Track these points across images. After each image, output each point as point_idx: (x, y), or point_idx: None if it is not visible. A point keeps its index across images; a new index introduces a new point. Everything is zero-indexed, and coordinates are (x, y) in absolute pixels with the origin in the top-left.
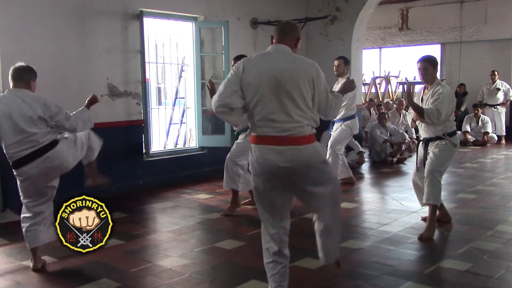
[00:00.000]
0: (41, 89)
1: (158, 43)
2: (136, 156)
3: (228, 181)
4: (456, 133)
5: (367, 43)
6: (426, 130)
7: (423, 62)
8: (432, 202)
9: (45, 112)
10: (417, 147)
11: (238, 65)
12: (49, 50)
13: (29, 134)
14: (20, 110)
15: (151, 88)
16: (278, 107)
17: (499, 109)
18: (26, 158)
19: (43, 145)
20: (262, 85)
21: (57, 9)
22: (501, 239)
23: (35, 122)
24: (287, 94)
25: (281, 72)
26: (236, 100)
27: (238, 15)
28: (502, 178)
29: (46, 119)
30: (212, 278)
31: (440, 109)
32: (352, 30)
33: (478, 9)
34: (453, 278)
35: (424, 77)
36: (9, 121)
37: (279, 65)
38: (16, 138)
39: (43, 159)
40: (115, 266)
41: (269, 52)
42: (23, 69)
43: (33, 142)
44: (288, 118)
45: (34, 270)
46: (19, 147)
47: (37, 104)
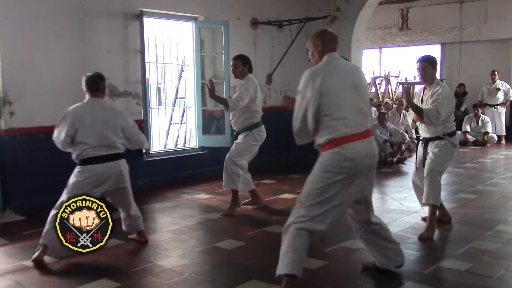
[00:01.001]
0: (41, 89)
1: (158, 43)
2: (136, 156)
3: (227, 181)
4: (456, 133)
5: (367, 43)
6: (426, 130)
7: (422, 62)
8: (432, 202)
9: (124, 124)
10: (416, 147)
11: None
12: (49, 50)
13: (111, 141)
14: (104, 119)
15: (151, 88)
16: (356, 108)
17: (499, 109)
18: (101, 158)
19: (119, 152)
20: (343, 90)
21: (57, 9)
22: (501, 239)
23: (117, 131)
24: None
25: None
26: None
27: (238, 15)
28: (502, 178)
29: (124, 129)
30: (212, 278)
31: (439, 110)
32: (352, 30)
33: (478, 9)
34: (453, 278)
35: (423, 77)
36: (94, 129)
37: (352, 72)
38: (98, 142)
39: (116, 163)
40: (115, 266)
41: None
42: (99, 78)
43: (112, 147)
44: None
45: (36, 262)
46: (97, 150)
47: (119, 115)
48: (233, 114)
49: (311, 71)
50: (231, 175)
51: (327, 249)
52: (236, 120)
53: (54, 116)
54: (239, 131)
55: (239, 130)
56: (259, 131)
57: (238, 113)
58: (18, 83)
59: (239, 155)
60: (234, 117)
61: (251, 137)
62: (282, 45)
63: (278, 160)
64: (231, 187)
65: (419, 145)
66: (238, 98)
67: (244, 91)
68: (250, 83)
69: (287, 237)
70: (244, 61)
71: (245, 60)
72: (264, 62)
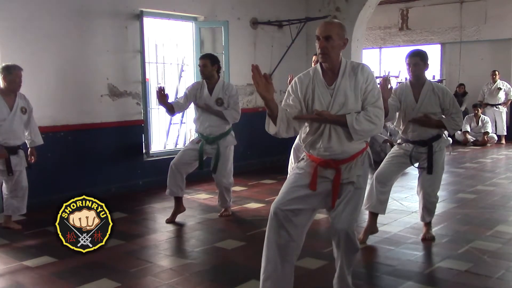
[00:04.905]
0: (42, 89)
1: (158, 43)
2: (136, 156)
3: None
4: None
5: (367, 43)
6: (421, 129)
7: (413, 57)
8: (429, 220)
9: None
10: (411, 154)
11: None
12: (49, 50)
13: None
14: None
15: (151, 88)
16: None
17: (500, 109)
18: None
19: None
20: None
21: (57, 9)
22: (501, 239)
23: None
24: None
25: None
26: None
27: (238, 15)
28: (502, 178)
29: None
30: (212, 278)
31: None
32: (352, 30)
33: (478, 9)
34: (453, 278)
35: (414, 74)
36: None
37: None
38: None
39: None
40: (115, 266)
41: None
42: None
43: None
44: None
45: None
46: None
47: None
48: (205, 117)
49: None
50: (228, 195)
51: (327, 249)
52: (211, 124)
53: (54, 116)
54: (214, 137)
55: (214, 136)
56: (233, 136)
57: (214, 116)
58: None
59: (231, 171)
60: (206, 120)
61: (230, 143)
62: (282, 45)
63: (278, 160)
64: (226, 206)
65: (414, 149)
66: (236, 112)
67: (237, 101)
68: (234, 89)
69: None
70: (213, 61)
71: (214, 59)
72: (264, 62)
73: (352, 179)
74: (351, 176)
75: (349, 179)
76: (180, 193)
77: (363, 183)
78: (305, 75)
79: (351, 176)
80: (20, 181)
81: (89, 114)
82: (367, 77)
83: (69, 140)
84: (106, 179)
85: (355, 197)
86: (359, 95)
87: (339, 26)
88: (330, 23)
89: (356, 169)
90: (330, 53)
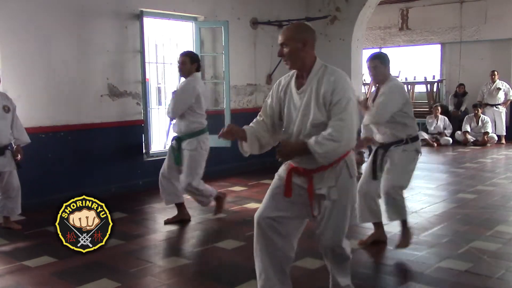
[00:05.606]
0: (42, 89)
1: (158, 43)
2: (136, 156)
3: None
4: (419, 138)
5: (367, 43)
6: (385, 134)
7: (372, 61)
8: (398, 219)
9: None
10: (371, 154)
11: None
12: (49, 50)
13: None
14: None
15: (151, 88)
16: None
17: (500, 109)
18: None
19: None
20: None
21: (57, 9)
22: (501, 239)
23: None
24: None
25: None
26: None
27: (238, 15)
28: (502, 178)
29: None
30: (212, 278)
31: (382, 109)
32: (352, 30)
33: (478, 9)
34: (453, 278)
35: (375, 76)
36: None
37: None
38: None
39: None
40: (115, 266)
41: None
42: None
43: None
44: None
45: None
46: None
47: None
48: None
49: None
50: (201, 200)
51: None
52: (178, 123)
53: (54, 116)
54: (182, 137)
55: (182, 136)
56: (205, 138)
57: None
58: (18, 83)
59: (196, 174)
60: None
61: (198, 145)
62: None
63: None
64: (206, 204)
65: (374, 152)
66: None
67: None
68: (187, 86)
69: None
70: (192, 59)
71: (194, 57)
72: (264, 62)
73: (322, 191)
74: (323, 187)
75: (321, 190)
76: (177, 199)
77: (342, 196)
78: (285, 78)
79: (323, 187)
80: (11, 182)
81: (89, 114)
82: (334, 88)
83: (69, 140)
84: (106, 179)
85: (334, 213)
86: (321, 105)
87: (292, 29)
88: (285, 29)
89: (328, 180)
90: (291, 58)
